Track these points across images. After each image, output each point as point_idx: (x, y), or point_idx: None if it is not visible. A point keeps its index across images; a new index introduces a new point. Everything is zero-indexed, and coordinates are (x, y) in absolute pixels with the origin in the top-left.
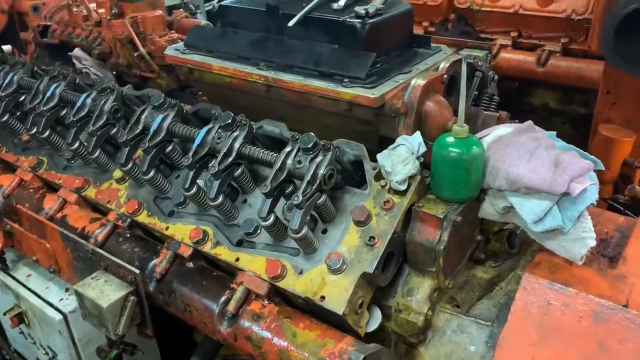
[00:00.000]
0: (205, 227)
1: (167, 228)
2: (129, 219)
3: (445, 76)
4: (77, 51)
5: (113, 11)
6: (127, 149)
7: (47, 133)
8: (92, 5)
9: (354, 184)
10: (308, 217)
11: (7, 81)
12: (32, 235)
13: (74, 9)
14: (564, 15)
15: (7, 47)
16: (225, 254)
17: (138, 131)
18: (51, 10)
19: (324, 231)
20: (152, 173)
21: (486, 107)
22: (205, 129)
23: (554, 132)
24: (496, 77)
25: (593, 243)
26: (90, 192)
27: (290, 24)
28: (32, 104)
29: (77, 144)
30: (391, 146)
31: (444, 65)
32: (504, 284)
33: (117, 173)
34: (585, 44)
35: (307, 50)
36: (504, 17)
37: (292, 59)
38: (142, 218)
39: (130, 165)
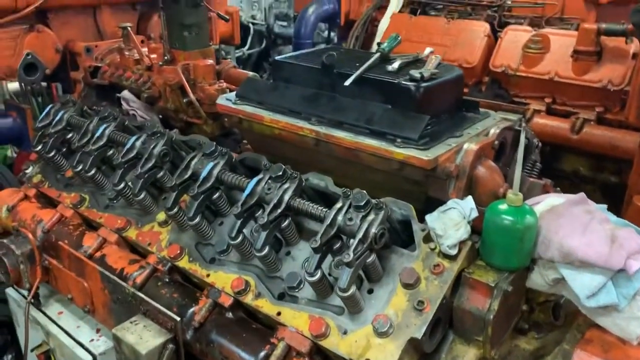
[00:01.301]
0: (248, 277)
1: (208, 275)
2: (169, 263)
3: (496, 142)
4: (125, 93)
5: (165, 57)
6: (175, 193)
7: (93, 171)
8: (144, 50)
9: (400, 244)
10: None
11: (57, 118)
12: (70, 272)
13: (126, 53)
14: (599, 85)
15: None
16: (266, 306)
17: (187, 176)
18: (103, 52)
19: (370, 291)
20: (197, 219)
21: (529, 173)
22: (255, 179)
23: (605, 206)
24: (540, 144)
25: None
26: (132, 233)
27: (346, 83)
28: (81, 142)
29: (122, 185)
30: (441, 208)
31: (494, 131)
32: (549, 357)
33: (161, 216)
34: (621, 115)
35: (360, 108)
36: (539, 83)
37: (343, 115)
38: (183, 263)
39: (176, 209)
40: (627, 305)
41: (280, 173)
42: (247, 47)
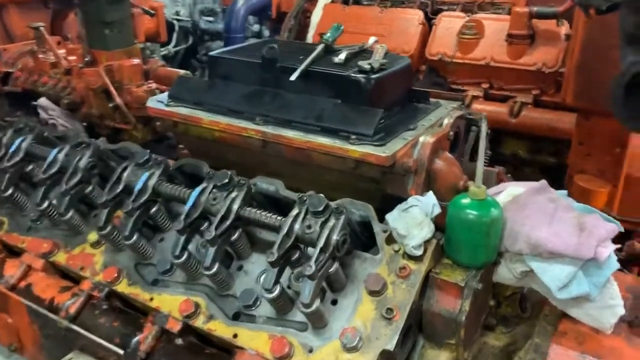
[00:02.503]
0: (197, 299)
1: (151, 299)
2: (106, 288)
3: (451, 133)
4: (43, 100)
5: (86, 59)
6: (107, 210)
7: (10, 191)
8: (61, 52)
9: (360, 247)
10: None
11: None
12: None
13: (40, 56)
14: (534, 68)
15: None
16: (221, 329)
17: (119, 190)
18: (13, 57)
19: (334, 302)
20: (135, 237)
21: None
22: (198, 188)
23: (565, 192)
24: (489, 131)
25: (622, 311)
26: (60, 258)
27: (292, 78)
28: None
29: (46, 204)
30: (402, 207)
31: (447, 121)
32: (522, 353)
33: (92, 236)
34: (557, 96)
35: (308, 105)
36: (475, 68)
37: (291, 113)
38: (122, 287)
39: (109, 228)
40: (599, 294)
41: (227, 180)
42: (172, 44)
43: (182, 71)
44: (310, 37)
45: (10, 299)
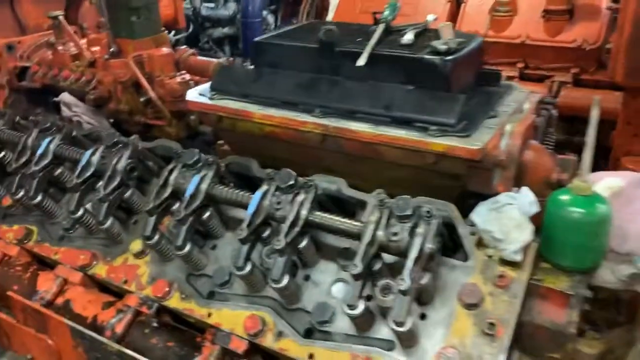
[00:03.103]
0: (262, 314)
1: (209, 315)
2: (156, 304)
3: (538, 119)
4: (66, 96)
5: (111, 49)
6: (154, 218)
7: (39, 197)
8: (82, 43)
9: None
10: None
11: None
12: (27, 328)
13: (60, 48)
14: (574, 45)
15: None
16: (293, 348)
17: (167, 195)
18: (28, 50)
19: (422, 316)
20: (188, 247)
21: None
22: (260, 192)
23: None
24: (556, 115)
25: None
26: (100, 270)
27: (360, 62)
28: (19, 163)
29: (81, 212)
30: (492, 206)
31: (528, 106)
32: None
33: (135, 245)
34: (598, 74)
35: (374, 92)
36: (510, 48)
37: (354, 103)
38: (175, 303)
39: (157, 237)
40: None
41: (292, 182)
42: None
43: (215, 60)
44: (330, 20)
45: (50, 319)
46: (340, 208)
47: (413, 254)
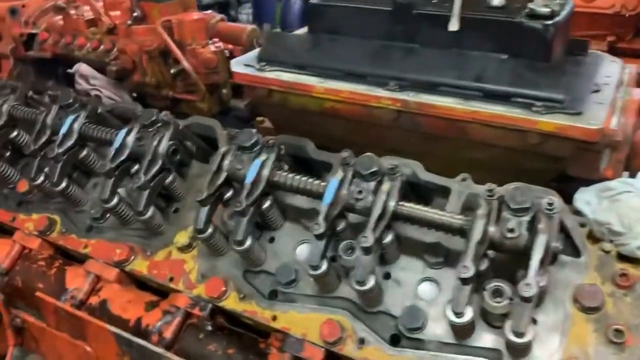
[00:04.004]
0: (338, 317)
1: (274, 318)
2: (209, 305)
3: None
4: (84, 68)
5: (134, 14)
6: (207, 208)
7: (64, 184)
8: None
9: None
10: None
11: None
12: (60, 332)
13: (72, 12)
14: (611, 11)
15: None
16: (379, 358)
17: (220, 182)
18: (34, 14)
19: (533, 321)
20: (249, 242)
21: None
22: (335, 181)
23: None
24: None
25: None
26: (140, 266)
27: (452, 27)
28: (38, 144)
29: (115, 200)
30: (603, 193)
31: (627, 78)
32: None
33: (181, 237)
34: (635, 43)
35: (460, 62)
36: None
37: (437, 74)
38: (232, 304)
39: (210, 230)
40: None
41: (375, 169)
42: None
43: (249, 26)
44: None
45: (89, 324)
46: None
47: (537, 254)
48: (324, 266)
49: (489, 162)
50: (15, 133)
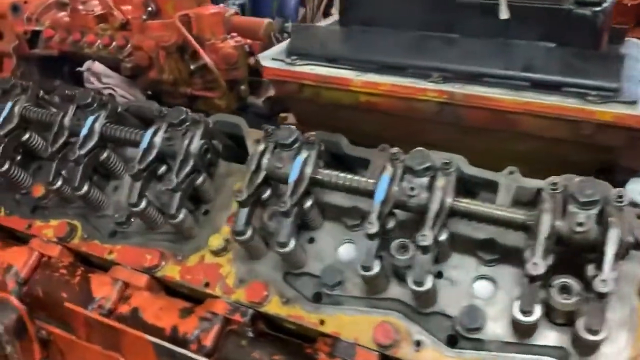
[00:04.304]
0: (391, 319)
1: (321, 322)
2: (250, 310)
3: None
4: (97, 66)
5: (149, 8)
6: (247, 210)
7: (85, 188)
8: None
9: None
10: None
11: (5, 114)
12: (91, 344)
13: (80, 7)
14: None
15: None
16: None
17: (259, 182)
18: (37, 11)
19: None
20: (293, 243)
21: None
22: (386, 177)
23: None
24: None
25: None
26: (172, 271)
27: (503, 15)
28: (55, 146)
29: (144, 204)
30: None
31: None
32: None
33: (215, 241)
34: (638, 31)
35: (505, 52)
36: None
37: (482, 65)
38: (275, 308)
39: (250, 232)
40: None
41: (428, 164)
42: None
43: (265, 20)
44: None
45: (125, 333)
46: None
47: (611, 248)
48: (377, 267)
49: (530, 154)
50: (27, 135)
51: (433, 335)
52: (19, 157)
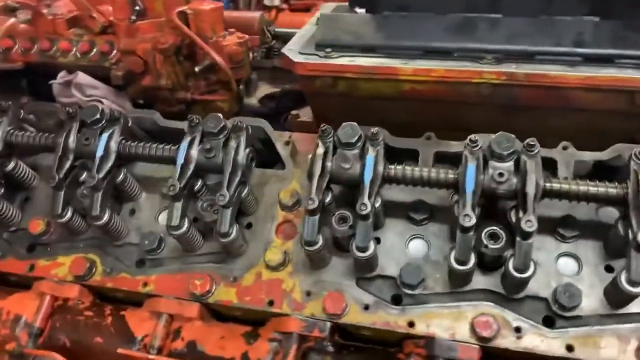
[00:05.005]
0: (487, 310)
1: (410, 324)
2: (328, 324)
3: None
4: (80, 76)
5: (136, 7)
6: (317, 218)
7: (106, 216)
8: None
9: None
10: None
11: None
12: None
13: (44, 11)
14: None
15: None
16: (543, 343)
17: (325, 185)
18: None
19: None
20: (372, 248)
21: None
22: (472, 167)
23: None
24: None
25: None
26: (227, 295)
27: None
28: (61, 172)
29: (186, 225)
30: None
31: None
32: None
33: (272, 255)
34: None
35: (552, 29)
36: None
37: (533, 43)
38: (356, 317)
39: (321, 242)
40: None
41: (512, 149)
42: None
43: (256, 13)
44: None
45: None
46: None
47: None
48: (473, 260)
49: (577, 127)
50: (12, 164)
51: (530, 319)
52: (2, 190)
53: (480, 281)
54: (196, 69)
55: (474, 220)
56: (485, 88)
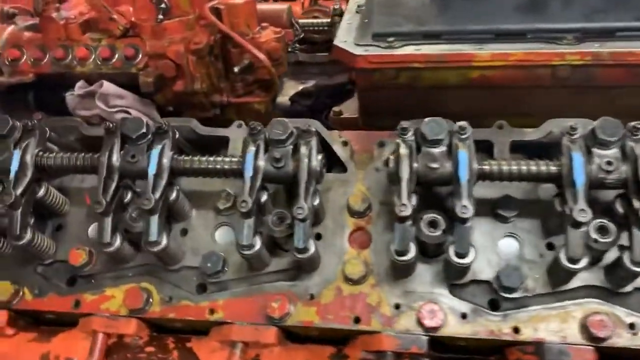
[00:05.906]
0: (597, 308)
1: (516, 330)
2: (425, 338)
3: None
4: (106, 86)
5: (162, 5)
6: (408, 225)
7: (164, 241)
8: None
9: None
10: None
11: (16, 168)
12: None
13: (54, 14)
14: None
15: None
16: None
17: (412, 190)
18: None
19: None
20: (473, 254)
21: None
22: (578, 157)
23: None
24: None
25: None
26: (306, 315)
27: None
28: (107, 196)
29: (259, 243)
30: None
31: None
32: None
33: (353, 268)
34: None
35: (627, 4)
36: None
37: (612, 20)
38: (455, 329)
39: (413, 253)
40: None
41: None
42: None
43: (283, 4)
44: None
45: None
46: None
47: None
48: (586, 258)
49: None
50: (43, 191)
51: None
52: (32, 220)
53: (583, 277)
54: (235, 69)
55: (590, 215)
56: (563, 70)
